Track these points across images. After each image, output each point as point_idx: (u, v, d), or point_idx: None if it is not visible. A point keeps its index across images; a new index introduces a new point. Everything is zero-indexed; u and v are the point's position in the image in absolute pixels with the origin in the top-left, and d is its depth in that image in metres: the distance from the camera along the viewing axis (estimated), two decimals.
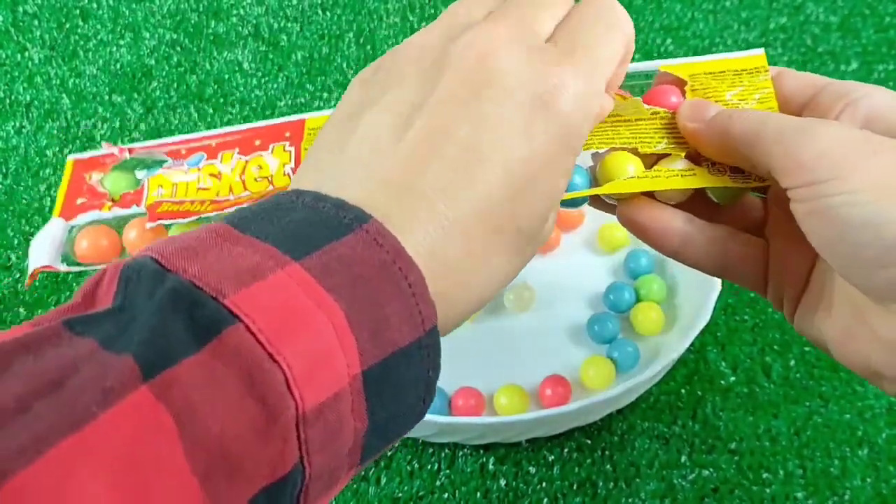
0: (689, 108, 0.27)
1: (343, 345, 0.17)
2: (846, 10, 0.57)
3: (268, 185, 0.30)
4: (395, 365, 0.18)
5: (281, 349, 0.16)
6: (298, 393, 0.16)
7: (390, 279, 0.18)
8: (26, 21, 0.58)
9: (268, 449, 0.16)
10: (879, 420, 0.38)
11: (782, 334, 0.41)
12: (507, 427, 0.35)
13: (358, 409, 0.18)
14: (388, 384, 0.18)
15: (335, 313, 0.17)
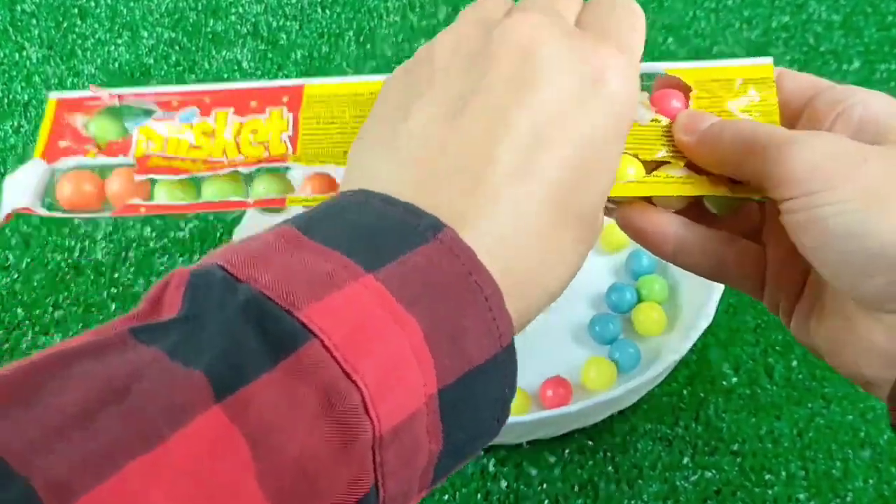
0: (685, 120, 0.27)
1: (420, 362, 0.17)
2: (848, 9, 0.56)
3: (263, 150, 0.28)
4: (471, 383, 0.18)
5: (358, 367, 0.16)
6: (375, 414, 0.16)
7: (467, 293, 0.18)
8: (24, 20, 0.58)
9: (344, 472, 0.16)
10: (882, 421, 0.38)
11: (784, 335, 0.41)
12: (507, 428, 0.34)
13: (433, 430, 0.17)
14: (465, 404, 0.18)
15: (412, 329, 0.17)
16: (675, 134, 0.27)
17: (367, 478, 0.16)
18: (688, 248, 0.27)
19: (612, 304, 0.41)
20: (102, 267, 0.44)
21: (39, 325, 0.42)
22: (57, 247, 0.45)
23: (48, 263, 0.44)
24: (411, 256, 0.18)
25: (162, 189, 0.28)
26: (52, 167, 0.29)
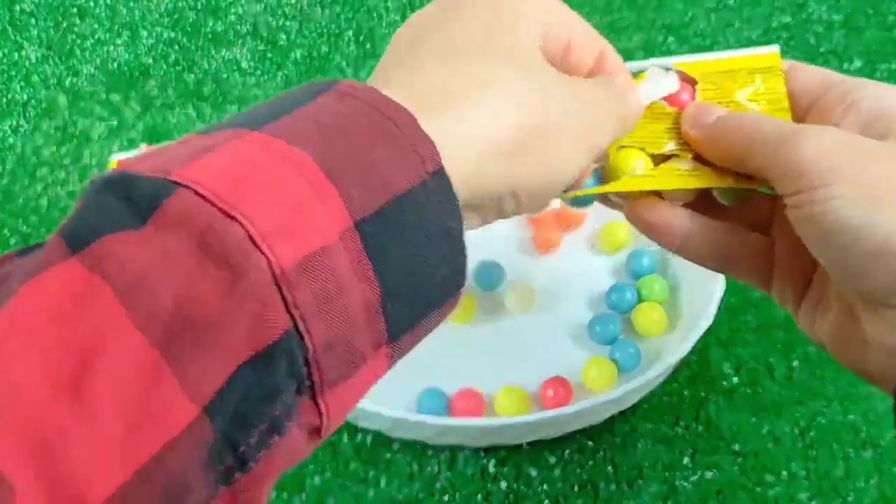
0: (692, 113, 0.27)
1: (321, 194, 0.16)
2: (849, 9, 0.56)
3: None
4: (396, 212, 0.16)
5: (237, 204, 0.15)
6: (268, 247, 0.15)
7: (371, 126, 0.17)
8: (23, 19, 0.58)
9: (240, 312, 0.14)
10: (883, 421, 0.38)
11: (786, 335, 0.41)
12: (507, 429, 0.35)
13: (359, 268, 0.16)
14: (394, 235, 0.17)
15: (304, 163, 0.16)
16: (682, 127, 0.27)
17: (276, 317, 0.15)
18: (696, 241, 0.27)
19: (612, 305, 0.41)
20: None
21: None
22: None
23: None
24: (304, 109, 0.17)
25: None
26: None
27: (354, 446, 0.37)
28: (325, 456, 0.37)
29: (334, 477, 0.36)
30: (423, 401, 0.37)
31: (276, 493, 0.36)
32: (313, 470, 0.36)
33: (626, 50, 0.55)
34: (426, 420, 0.34)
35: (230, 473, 0.15)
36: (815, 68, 0.27)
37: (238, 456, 0.15)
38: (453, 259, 0.18)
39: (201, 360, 0.14)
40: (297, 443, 0.16)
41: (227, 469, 0.15)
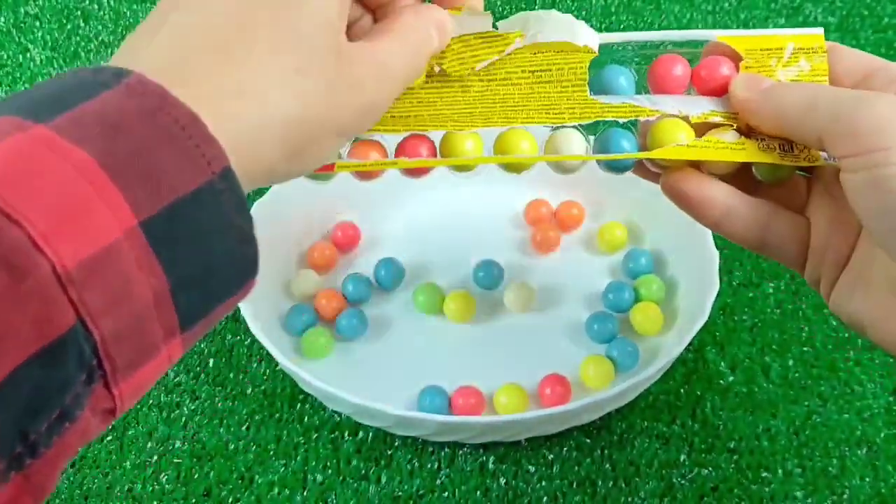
0: (744, 79, 0.27)
1: (104, 196, 0.16)
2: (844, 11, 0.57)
3: None
4: (183, 212, 0.17)
5: (18, 205, 0.15)
6: (51, 250, 0.15)
7: (157, 125, 0.17)
8: (28, 22, 0.58)
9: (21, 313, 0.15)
10: (878, 420, 0.38)
11: (781, 334, 0.41)
12: (506, 426, 0.35)
13: (146, 264, 0.17)
14: (181, 234, 0.17)
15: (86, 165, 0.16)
16: (732, 92, 0.27)
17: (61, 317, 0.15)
18: (733, 217, 0.26)
19: (609, 304, 0.41)
20: None
21: None
22: None
23: None
24: (90, 104, 0.17)
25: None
26: None
27: (355, 443, 0.38)
28: (326, 453, 0.37)
29: (335, 474, 0.37)
30: (423, 398, 0.38)
31: (278, 491, 0.36)
32: (314, 467, 0.37)
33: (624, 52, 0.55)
34: (427, 417, 0.34)
35: (21, 459, 0.16)
36: (858, 52, 0.27)
37: (28, 444, 0.16)
38: (242, 252, 0.19)
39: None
40: (90, 425, 0.17)
41: (17, 455, 0.16)
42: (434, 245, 0.45)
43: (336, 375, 0.39)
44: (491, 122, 0.27)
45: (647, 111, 0.27)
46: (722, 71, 0.28)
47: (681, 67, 0.28)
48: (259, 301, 0.39)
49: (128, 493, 0.36)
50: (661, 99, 0.28)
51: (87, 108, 0.17)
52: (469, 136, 0.28)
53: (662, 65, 0.28)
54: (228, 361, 0.41)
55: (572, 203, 0.45)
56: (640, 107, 0.27)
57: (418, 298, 0.42)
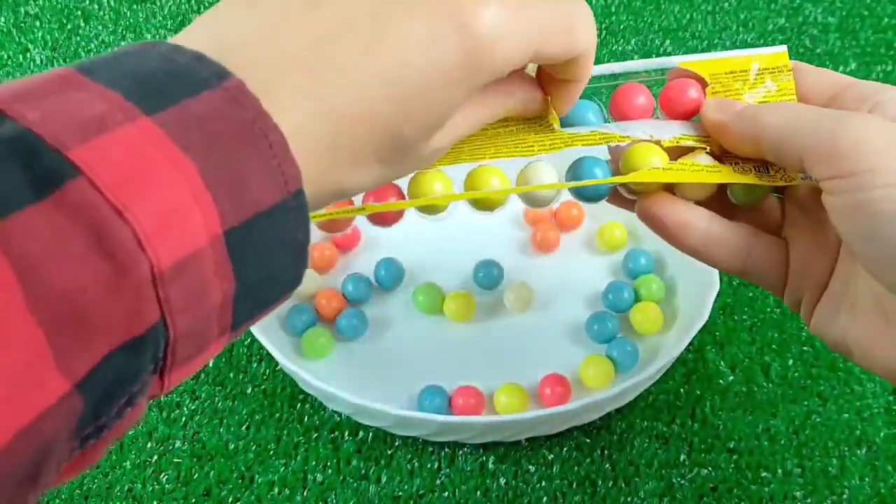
0: (715, 103, 0.26)
1: (199, 203, 0.17)
2: (844, 11, 0.57)
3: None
4: (259, 226, 0.18)
5: (129, 206, 0.16)
6: (151, 250, 0.16)
7: (250, 139, 0.18)
8: (28, 22, 0.58)
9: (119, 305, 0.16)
10: (878, 419, 0.38)
11: (780, 334, 0.41)
12: (506, 426, 0.35)
13: (222, 270, 0.18)
14: (254, 245, 0.18)
15: (189, 171, 0.17)
16: (705, 116, 0.26)
17: (150, 312, 0.17)
18: (714, 242, 0.26)
19: (609, 304, 0.41)
20: None
21: None
22: None
23: None
24: (193, 102, 0.18)
25: None
26: None
27: (356, 443, 0.38)
28: (326, 453, 0.37)
29: (335, 474, 0.37)
30: (423, 398, 0.38)
31: (278, 491, 0.36)
32: (315, 467, 0.37)
33: (623, 53, 0.55)
34: (427, 417, 0.34)
35: (88, 439, 0.17)
36: (822, 70, 0.27)
37: (98, 426, 0.17)
38: (296, 266, 0.20)
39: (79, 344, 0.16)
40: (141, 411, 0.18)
41: (87, 436, 0.17)
42: (434, 245, 0.45)
43: (336, 375, 0.39)
44: (459, 160, 0.26)
45: (617, 137, 0.26)
46: (690, 94, 0.27)
47: (643, 97, 0.28)
48: None
49: (128, 493, 0.36)
50: (630, 125, 0.27)
51: (190, 108, 0.18)
52: (436, 176, 0.27)
53: (624, 94, 0.28)
54: (228, 361, 0.41)
55: (572, 203, 0.45)
56: (609, 133, 0.27)
57: (418, 298, 0.42)
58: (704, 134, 0.27)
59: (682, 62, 0.28)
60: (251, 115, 0.18)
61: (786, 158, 0.24)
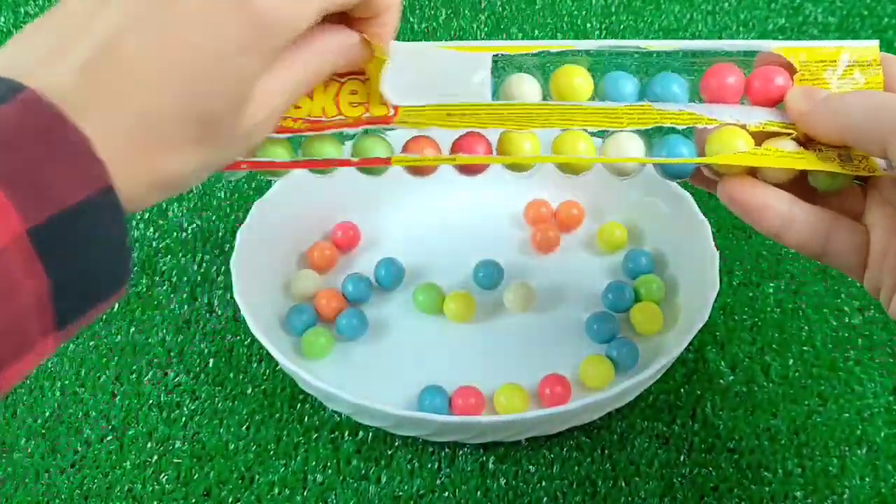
0: (801, 91, 0.27)
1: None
2: (844, 11, 0.57)
3: (363, 110, 0.29)
4: (66, 223, 0.19)
5: None
6: None
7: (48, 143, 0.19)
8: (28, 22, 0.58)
9: None
10: (878, 419, 0.38)
11: (780, 334, 0.41)
12: (506, 426, 0.35)
13: (31, 268, 0.18)
14: (64, 242, 0.19)
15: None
16: (790, 103, 0.27)
17: None
18: (795, 225, 0.27)
19: (609, 304, 0.41)
20: None
21: None
22: None
23: None
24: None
25: (264, 147, 0.29)
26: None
27: (356, 443, 0.38)
28: (326, 453, 0.37)
29: (335, 474, 0.37)
30: (424, 398, 0.38)
31: (278, 491, 0.36)
32: (315, 467, 0.37)
33: None
34: (427, 417, 0.34)
35: None
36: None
37: None
38: (118, 261, 0.21)
39: None
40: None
41: None
42: (434, 245, 0.45)
43: (336, 375, 0.39)
44: (549, 124, 0.28)
45: (704, 119, 0.27)
46: (777, 81, 0.28)
47: (734, 77, 0.28)
48: (259, 301, 0.39)
49: (128, 494, 0.36)
50: (717, 108, 0.28)
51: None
52: (526, 136, 0.28)
53: (716, 74, 0.28)
54: (228, 361, 0.41)
55: (572, 203, 0.45)
56: (697, 114, 0.28)
57: (418, 298, 0.42)
58: (789, 121, 0.28)
59: (776, 48, 0.28)
60: (47, 121, 0.19)
61: (869, 146, 0.25)
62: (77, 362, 0.41)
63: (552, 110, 0.28)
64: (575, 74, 0.28)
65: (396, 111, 0.28)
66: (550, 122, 0.28)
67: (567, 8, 0.58)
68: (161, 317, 0.42)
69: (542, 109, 0.28)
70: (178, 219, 0.47)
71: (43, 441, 0.38)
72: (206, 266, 0.45)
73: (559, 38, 0.57)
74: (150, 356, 0.41)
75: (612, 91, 0.29)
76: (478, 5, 0.59)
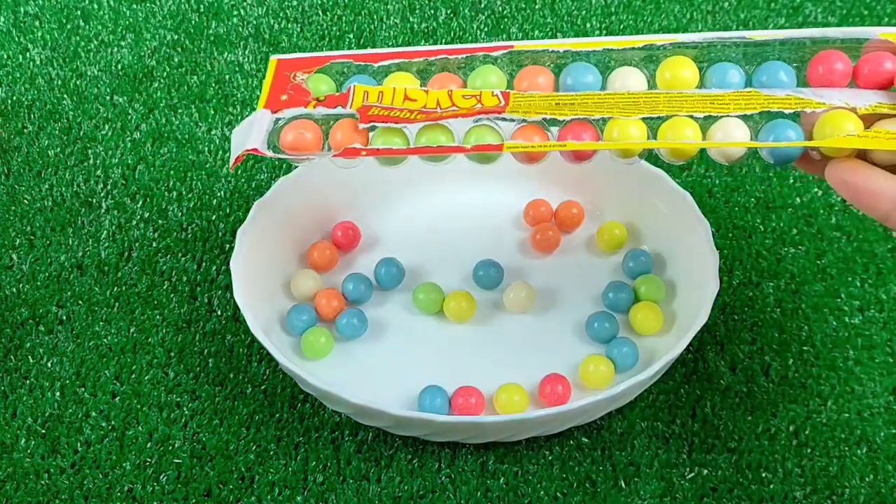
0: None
1: None
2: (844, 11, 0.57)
3: (475, 102, 0.30)
4: None
5: None
6: None
7: None
8: (27, 22, 0.58)
9: None
10: (878, 419, 0.38)
11: (780, 334, 0.41)
12: (507, 426, 0.35)
13: None
14: None
15: None
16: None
17: None
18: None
19: (609, 304, 0.41)
20: (106, 266, 0.45)
21: (44, 324, 0.42)
22: (61, 246, 0.45)
23: (52, 263, 0.45)
24: None
25: (380, 137, 0.30)
26: (275, 116, 0.32)
27: (356, 444, 0.38)
28: (326, 454, 0.37)
29: (336, 474, 0.37)
30: (424, 399, 0.38)
31: (278, 491, 0.36)
32: (315, 467, 0.37)
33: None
34: (427, 417, 0.35)
35: None
36: None
37: None
38: None
39: None
40: None
41: None
42: (434, 245, 0.45)
43: (336, 375, 0.39)
44: (656, 111, 0.28)
45: (813, 103, 0.28)
46: (885, 66, 0.28)
47: (841, 63, 0.28)
48: (259, 301, 0.39)
49: (128, 494, 0.36)
50: (825, 92, 0.28)
51: None
52: (633, 122, 0.28)
53: (823, 60, 0.28)
54: (228, 361, 0.41)
55: (572, 203, 0.45)
56: (805, 99, 0.28)
57: (418, 298, 0.42)
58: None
59: (883, 33, 0.28)
60: None
61: None
62: (77, 362, 0.41)
63: (658, 98, 0.28)
64: (682, 66, 0.29)
65: (507, 100, 0.29)
66: (657, 109, 0.28)
67: (567, 8, 0.58)
68: (161, 317, 0.43)
69: (648, 97, 0.28)
70: (178, 219, 0.47)
71: (43, 441, 0.38)
72: (206, 266, 0.45)
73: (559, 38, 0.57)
74: (150, 356, 0.41)
75: (718, 81, 0.29)
76: (478, 5, 0.59)
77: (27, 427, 0.38)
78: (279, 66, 0.33)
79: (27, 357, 0.41)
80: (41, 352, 0.41)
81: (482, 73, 0.31)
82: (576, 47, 0.30)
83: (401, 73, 0.32)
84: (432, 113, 0.30)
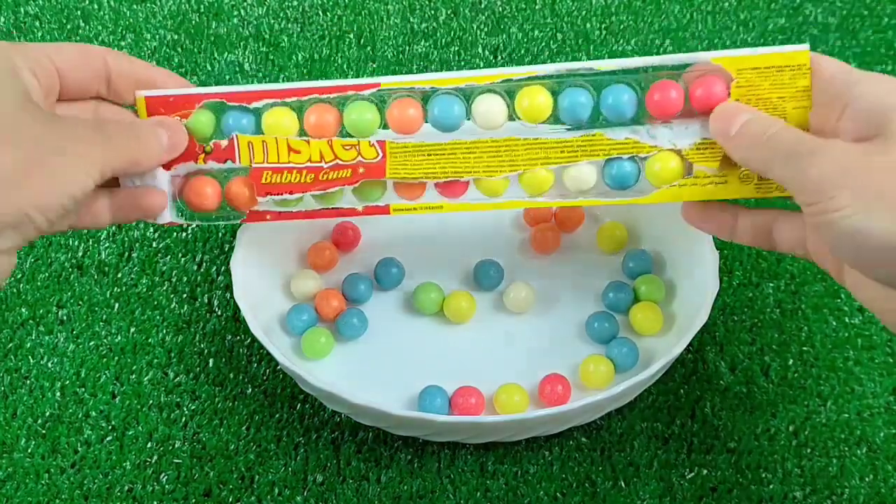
0: (717, 118, 0.31)
1: None
2: (844, 11, 0.57)
3: (356, 154, 0.33)
4: None
5: None
6: None
7: None
8: (28, 22, 0.58)
9: None
10: (877, 419, 0.38)
11: (780, 334, 0.41)
12: (506, 426, 0.35)
13: None
14: None
15: None
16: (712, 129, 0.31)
17: None
18: (740, 232, 0.33)
19: (609, 304, 0.41)
20: (106, 267, 0.45)
21: (44, 324, 0.42)
22: (61, 246, 0.45)
23: (52, 263, 0.45)
24: None
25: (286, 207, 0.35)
26: (169, 174, 0.34)
27: (356, 444, 0.38)
28: (326, 453, 0.37)
29: (336, 474, 0.37)
30: (423, 399, 0.38)
31: (278, 491, 0.36)
32: (315, 468, 0.37)
33: (623, 53, 0.55)
34: (427, 417, 0.35)
35: None
36: (829, 61, 0.31)
37: None
38: None
39: None
40: None
41: None
42: (434, 245, 0.45)
43: (336, 375, 0.39)
44: (516, 166, 0.34)
45: (647, 148, 0.33)
46: (715, 90, 0.31)
47: (674, 91, 0.32)
48: (259, 301, 0.39)
49: (128, 494, 0.36)
50: (658, 131, 0.33)
51: None
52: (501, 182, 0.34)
53: (659, 89, 0.32)
54: (228, 362, 0.41)
55: None
56: (641, 143, 0.33)
57: (418, 298, 0.42)
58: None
59: (714, 57, 0.31)
60: None
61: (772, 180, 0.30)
62: (77, 362, 0.41)
63: (518, 148, 0.33)
64: (537, 94, 0.33)
65: (384, 150, 0.33)
66: (517, 163, 0.34)
67: (567, 8, 0.58)
68: (161, 317, 0.43)
69: (508, 146, 0.33)
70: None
71: (43, 441, 0.38)
72: (206, 266, 0.45)
73: (559, 38, 0.57)
74: (150, 356, 0.41)
75: (570, 104, 0.33)
76: (478, 5, 0.59)
77: (27, 427, 0.38)
78: (148, 104, 0.34)
79: (27, 357, 0.41)
80: (41, 352, 0.41)
81: (357, 109, 0.33)
82: (439, 84, 0.33)
83: (277, 109, 0.34)
84: (319, 170, 0.33)
